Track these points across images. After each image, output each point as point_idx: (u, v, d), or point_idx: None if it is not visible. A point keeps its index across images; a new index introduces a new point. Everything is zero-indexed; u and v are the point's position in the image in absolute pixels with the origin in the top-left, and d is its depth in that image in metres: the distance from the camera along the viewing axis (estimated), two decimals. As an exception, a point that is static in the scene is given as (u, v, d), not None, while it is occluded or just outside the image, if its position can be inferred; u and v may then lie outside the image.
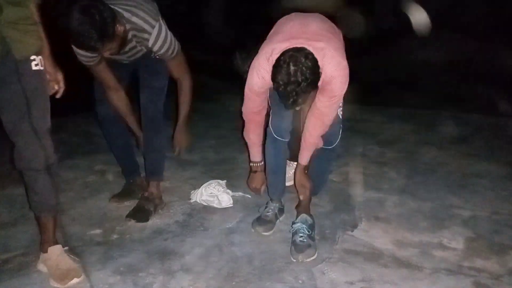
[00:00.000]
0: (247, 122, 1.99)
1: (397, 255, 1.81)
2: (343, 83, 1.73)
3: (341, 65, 1.70)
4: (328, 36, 1.77)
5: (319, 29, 1.79)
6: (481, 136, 3.38)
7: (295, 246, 1.81)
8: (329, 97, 1.76)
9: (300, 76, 1.55)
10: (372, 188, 2.49)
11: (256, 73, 1.77)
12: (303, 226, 1.88)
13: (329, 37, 1.76)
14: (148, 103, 2.09)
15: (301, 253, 1.77)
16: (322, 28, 1.82)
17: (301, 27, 1.79)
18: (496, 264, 1.73)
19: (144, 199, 2.18)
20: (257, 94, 1.84)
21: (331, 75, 1.69)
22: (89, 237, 1.97)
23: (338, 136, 2.01)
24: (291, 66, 1.55)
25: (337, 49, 1.73)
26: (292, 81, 1.55)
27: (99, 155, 3.05)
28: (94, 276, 1.66)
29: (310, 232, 1.87)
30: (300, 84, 1.55)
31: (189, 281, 1.64)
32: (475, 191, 2.42)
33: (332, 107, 1.81)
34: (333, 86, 1.72)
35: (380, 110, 4.20)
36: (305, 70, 1.55)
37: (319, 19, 1.91)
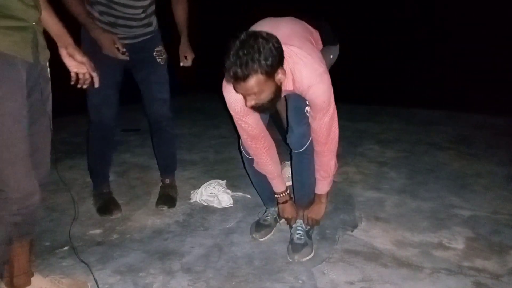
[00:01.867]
0: (256, 155, 1.78)
1: (397, 255, 1.81)
2: (324, 90, 1.57)
3: (316, 72, 1.55)
4: (301, 39, 1.62)
5: (292, 31, 1.64)
6: (481, 136, 3.38)
7: (292, 245, 1.81)
8: (317, 111, 1.62)
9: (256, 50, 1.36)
10: (372, 188, 2.49)
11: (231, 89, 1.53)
12: (301, 222, 1.88)
13: (302, 40, 1.61)
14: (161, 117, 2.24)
15: (297, 253, 1.77)
16: (295, 30, 1.67)
17: (271, 30, 1.56)
18: (496, 264, 1.73)
19: (168, 186, 2.36)
20: (244, 114, 1.64)
21: (308, 84, 1.55)
22: (89, 237, 1.97)
23: (308, 137, 1.75)
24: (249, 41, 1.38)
25: (312, 54, 1.57)
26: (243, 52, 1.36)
27: (99, 155, 3.05)
28: (94, 276, 1.66)
29: (308, 229, 1.88)
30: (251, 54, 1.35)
31: (189, 281, 1.64)
32: (475, 191, 2.42)
33: (324, 119, 1.64)
34: (314, 95, 1.58)
35: (380, 110, 4.21)
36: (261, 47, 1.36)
37: (292, 21, 1.76)
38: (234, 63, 1.36)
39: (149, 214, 2.19)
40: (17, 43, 1.22)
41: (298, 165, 1.84)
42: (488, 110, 3.94)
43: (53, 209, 2.23)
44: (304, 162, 1.82)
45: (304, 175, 1.86)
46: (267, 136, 1.76)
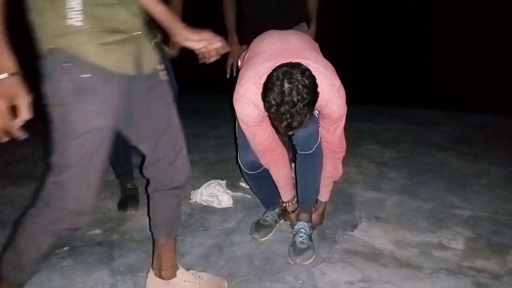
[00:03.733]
0: (269, 164, 1.75)
1: (397, 255, 1.81)
2: (340, 105, 1.57)
3: (335, 87, 1.54)
4: (313, 52, 1.62)
5: (302, 44, 1.64)
6: (481, 136, 3.38)
7: (294, 248, 1.80)
8: (331, 123, 1.62)
9: (296, 96, 1.35)
10: (372, 188, 2.49)
11: (246, 102, 1.54)
12: (304, 225, 1.86)
13: (315, 55, 1.61)
14: None
15: (299, 256, 1.76)
16: (304, 43, 1.67)
17: (282, 44, 1.61)
18: (496, 264, 1.73)
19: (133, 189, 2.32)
20: (257, 124, 1.60)
21: (327, 98, 1.53)
22: (89, 237, 1.97)
23: (317, 137, 1.71)
24: (285, 83, 1.36)
25: (327, 68, 1.57)
26: (287, 101, 1.35)
27: (99, 155, 3.05)
28: (94, 276, 1.66)
29: (311, 232, 1.87)
30: (296, 104, 1.35)
31: (189, 281, 1.63)
32: (475, 191, 2.42)
33: (336, 131, 1.66)
34: (330, 110, 1.57)
35: (380, 110, 4.20)
36: (301, 89, 1.35)
37: (296, 34, 1.76)
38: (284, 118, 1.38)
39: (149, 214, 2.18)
40: (119, 59, 1.15)
41: (304, 166, 1.80)
42: (488, 110, 3.94)
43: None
44: (311, 164, 1.79)
45: (310, 178, 1.83)
46: (278, 147, 1.71)
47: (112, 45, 1.13)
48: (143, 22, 1.24)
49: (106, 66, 1.12)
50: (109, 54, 1.13)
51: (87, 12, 1.08)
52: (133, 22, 1.19)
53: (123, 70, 1.17)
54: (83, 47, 1.09)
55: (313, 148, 1.72)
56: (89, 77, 1.10)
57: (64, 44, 1.08)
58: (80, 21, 1.08)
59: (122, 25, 1.15)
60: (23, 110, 1.04)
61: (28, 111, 1.05)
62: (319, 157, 1.76)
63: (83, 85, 1.10)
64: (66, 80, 1.09)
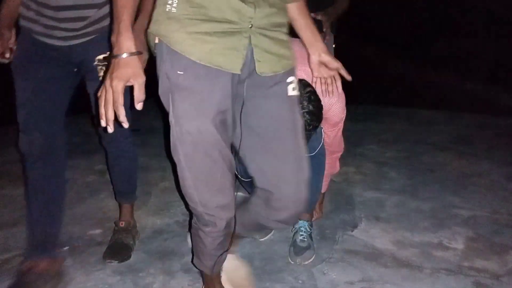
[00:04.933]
0: None
1: (397, 255, 1.81)
2: (340, 109, 1.64)
3: (336, 92, 1.55)
4: None
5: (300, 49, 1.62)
6: (481, 136, 3.38)
7: (294, 248, 1.80)
8: (332, 125, 1.69)
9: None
10: (372, 188, 2.49)
11: None
12: (304, 224, 1.86)
13: None
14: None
15: (299, 256, 1.76)
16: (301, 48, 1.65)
17: None
18: (496, 264, 1.73)
19: (122, 231, 1.84)
20: None
21: (329, 103, 1.58)
22: (89, 237, 1.96)
23: (320, 139, 1.73)
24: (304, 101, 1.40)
25: None
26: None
27: (99, 155, 3.05)
28: (94, 276, 1.66)
29: (311, 231, 1.87)
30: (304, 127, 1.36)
31: (189, 281, 1.64)
32: (475, 191, 2.42)
33: (337, 135, 1.73)
34: (332, 114, 1.63)
35: (380, 110, 4.20)
36: (308, 117, 1.40)
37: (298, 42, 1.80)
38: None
39: (149, 214, 2.19)
40: (212, 51, 1.00)
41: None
42: (488, 110, 3.94)
43: (53, 209, 2.23)
44: (314, 165, 1.72)
45: (313, 178, 1.80)
46: None
47: (205, 35, 0.99)
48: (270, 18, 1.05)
49: (192, 56, 0.99)
50: (196, 44, 0.99)
51: None
52: (245, 11, 1.00)
53: (220, 64, 1.01)
54: (173, 35, 1.00)
55: (317, 149, 1.74)
56: (181, 74, 1.02)
57: (163, 32, 1.02)
58: (175, 7, 0.99)
59: (224, 14, 0.99)
60: (138, 90, 1.01)
61: (142, 92, 1.01)
62: (321, 158, 1.77)
63: (179, 81, 1.03)
64: (165, 75, 1.04)
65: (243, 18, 1.00)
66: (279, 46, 1.10)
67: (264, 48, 1.06)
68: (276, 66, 1.10)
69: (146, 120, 4.05)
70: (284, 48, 1.11)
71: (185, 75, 1.02)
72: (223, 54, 1.01)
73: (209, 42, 1.00)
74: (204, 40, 1.00)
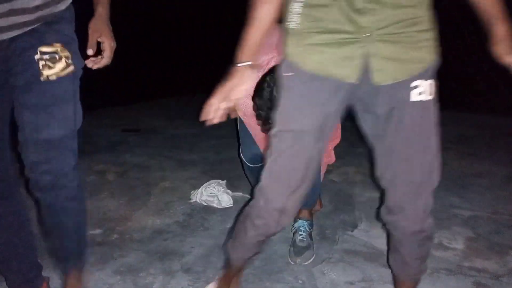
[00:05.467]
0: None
1: (397, 255, 1.81)
2: None
3: None
4: None
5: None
6: (481, 136, 3.39)
7: (294, 248, 1.80)
8: None
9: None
10: (372, 188, 2.49)
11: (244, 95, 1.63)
12: (304, 223, 1.87)
13: None
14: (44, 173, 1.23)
15: (299, 257, 1.76)
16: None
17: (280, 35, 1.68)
18: (496, 264, 1.73)
19: None
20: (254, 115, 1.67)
21: None
22: (89, 237, 1.96)
23: None
24: (274, 92, 1.41)
25: None
26: (272, 108, 1.39)
27: (99, 155, 3.06)
28: (94, 276, 1.66)
29: (310, 230, 1.88)
30: None
31: (189, 281, 1.64)
32: (475, 191, 2.42)
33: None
34: None
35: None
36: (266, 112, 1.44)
37: None
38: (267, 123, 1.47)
39: (149, 214, 2.19)
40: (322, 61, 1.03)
41: None
42: (488, 110, 3.94)
43: (53, 209, 2.23)
44: None
45: None
46: None
47: (320, 46, 1.02)
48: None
49: (303, 67, 1.05)
50: (311, 55, 1.04)
51: (304, 13, 1.03)
52: (361, 21, 0.99)
53: (332, 74, 1.03)
54: (289, 48, 1.08)
55: None
56: (290, 75, 1.08)
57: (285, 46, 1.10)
58: (295, 23, 1.05)
59: (341, 25, 1.00)
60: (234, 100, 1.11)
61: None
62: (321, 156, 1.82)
63: (286, 83, 1.10)
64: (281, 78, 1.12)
65: (359, 28, 0.99)
66: (407, 49, 1.02)
67: (384, 55, 1.01)
68: (398, 73, 1.04)
69: (146, 120, 4.06)
70: (415, 50, 1.03)
71: (295, 78, 1.08)
72: (337, 64, 1.03)
73: (324, 53, 1.03)
74: (319, 51, 1.03)
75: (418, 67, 1.04)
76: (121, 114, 4.24)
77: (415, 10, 1.01)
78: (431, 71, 1.07)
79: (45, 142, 1.17)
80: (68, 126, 1.23)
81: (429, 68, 1.06)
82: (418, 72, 1.04)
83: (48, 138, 1.17)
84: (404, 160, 1.11)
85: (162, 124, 3.95)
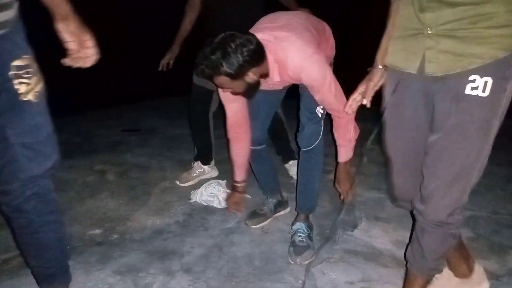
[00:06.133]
0: (231, 139, 1.85)
1: (397, 255, 1.81)
2: (316, 69, 1.56)
3: (306, 52, 1.54)
4: (295, 25, 1.62)
5: (287, 20, 1.66)
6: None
7: (294, 248, 1.81)
8: (316, 90, 1.61)
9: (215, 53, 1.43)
10: (372, 188, 2.49)
11: None
12: (302, 225, 1.88)
13: (294, 26, 1.61)
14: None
15: (299, 256, 1.77)
16: (292, 20, 1.67)
17: (268, 20, 1.68)
18: (496, 264, 1.73)
19: None
20: (229, 100, 1.73)
21: (300, 65, 1.55)
22: (89, 237, 1.97)
23: (318, 136, 1.80)
24: (215, 41, 1.45)
25: (302, 37, 1.56)
26: (206, 54, 1.44)
27: (99, 155, 3.06)
28: (94, 276, 1.66)
29: (309, 232, 1.88)
30: (207, 58, 1.43)
31: (189, 281, 1.64)
32: (475, 191, 2.38)
33: (328, 96, 1.62)
34: (308, 79, 1.58)
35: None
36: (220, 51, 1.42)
37: (293, 14, 1.81)
38: (203, 62, 1.45)
39: (149, 214, 2.19)
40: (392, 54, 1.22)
41: (305, 164, 1.86)
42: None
43: (53, 209, 2.23)
44: (311, 162, 1.85)
45: (309, 175, 1.88)
46: (242, 127, 1.81)
47: (394, 42, 1.21)
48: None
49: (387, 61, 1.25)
50: (389, 50, 1.23)
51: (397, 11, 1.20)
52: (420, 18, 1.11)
53: (398, 64, 1.21)
54: None
55: (313, 145, 1.80)
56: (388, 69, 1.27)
57: None
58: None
59: (411, 22, 1.14)
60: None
61: None
62: (318, 155, 1.83)
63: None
64: None
65: (423, 24, 1.11)
66: (465, 44, 1.06)
67: (439, 49, 1.10)
68: (450, 65, 1.09)
69: (146, 120, 4.05)
70: (474, 46, 1.06)
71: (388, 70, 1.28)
72: (401, 56, 1.19)
73: (394, 46, 1.21)
74: (392, 45, 1.21)
75: (474, 62, 1.06)
76: (121, 114, 4.23)
77: (482, 8, 1.03)
78: (494, 68, 1.06)
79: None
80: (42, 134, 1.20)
81: (491, 64, 1.06)
82: (475, 67, 1.06)
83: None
84: (444, 149, 1.16)
85: (162, 124, 3.95)
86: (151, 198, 2.38)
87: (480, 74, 1.06)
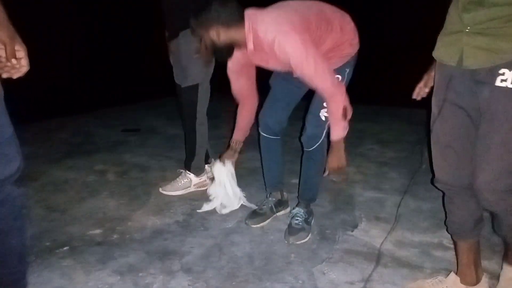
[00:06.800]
0: (238, 101, 2.00)
1: (397, 255, 1.81)
2: (289, 44, 1.58)
3: (278, 27, 1.59)
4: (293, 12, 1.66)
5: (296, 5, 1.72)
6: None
7: (289, 229, 1.92)
8: (295, 67, 1.63)
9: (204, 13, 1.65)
10: (372, 188, 2.49)
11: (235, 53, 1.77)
12: (300, 210, 1.97)
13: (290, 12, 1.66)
14: None
15: (292, 236, 1.86)
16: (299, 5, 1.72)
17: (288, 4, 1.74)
18: (496, 264, 1.73)
19: None
20: (233, 72, 1.87)
21: (271, 37, 1.60)
22: (89, 237, 1.97)
23: (319, 139, 1.87)
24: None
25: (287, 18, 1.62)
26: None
27: (99, 155, 3.06)
28: (94, 276, 1.66)
29: (306, 216, 1.96)
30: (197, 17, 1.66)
31: (189, 281, 1.64)
32: (475, 191, 2.42)
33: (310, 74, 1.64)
34: (283, 52, 1.60)
35: (380, 110, 4.20)
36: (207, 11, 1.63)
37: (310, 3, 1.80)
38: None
39: (149, 214, 2.19)
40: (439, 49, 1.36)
41: (306, 162, 1.97)
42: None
43: (53, 209, 2.23)
44: (311, 161, 1.95)
45: (309, 173, 1.99)
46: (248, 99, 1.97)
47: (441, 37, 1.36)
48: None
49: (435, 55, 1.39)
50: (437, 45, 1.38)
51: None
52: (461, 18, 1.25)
53: (442, 58, 1.35)
54: None
55: (313, 147, 1.89)
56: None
57: None
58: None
59: (454, 21, 1.28)
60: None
61: None
62: (318, 156, 1.91)
63: None
64: None
65: (463, 23, 1.25)
66: (497, 41, 1.19)
67: (475, 45, 1.23)
68: (484, 60, 1.23)
69: (146, 120, 4.06)
70: (505, 42, 1.18)
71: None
72: (446, 51, 1.33)
73: (441, 42, 1.36)
74: (440, 41, 1.36)
75: (505, 57, 1.19)
76: (121, 114, 4.23)
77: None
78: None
79: None
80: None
81: None
82: (504, 62, 1.20)
83: None
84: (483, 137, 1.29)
85: (162, 124, 3.95)
86: (151, 198, 2.39)
87: (509, 67, 1.19)
